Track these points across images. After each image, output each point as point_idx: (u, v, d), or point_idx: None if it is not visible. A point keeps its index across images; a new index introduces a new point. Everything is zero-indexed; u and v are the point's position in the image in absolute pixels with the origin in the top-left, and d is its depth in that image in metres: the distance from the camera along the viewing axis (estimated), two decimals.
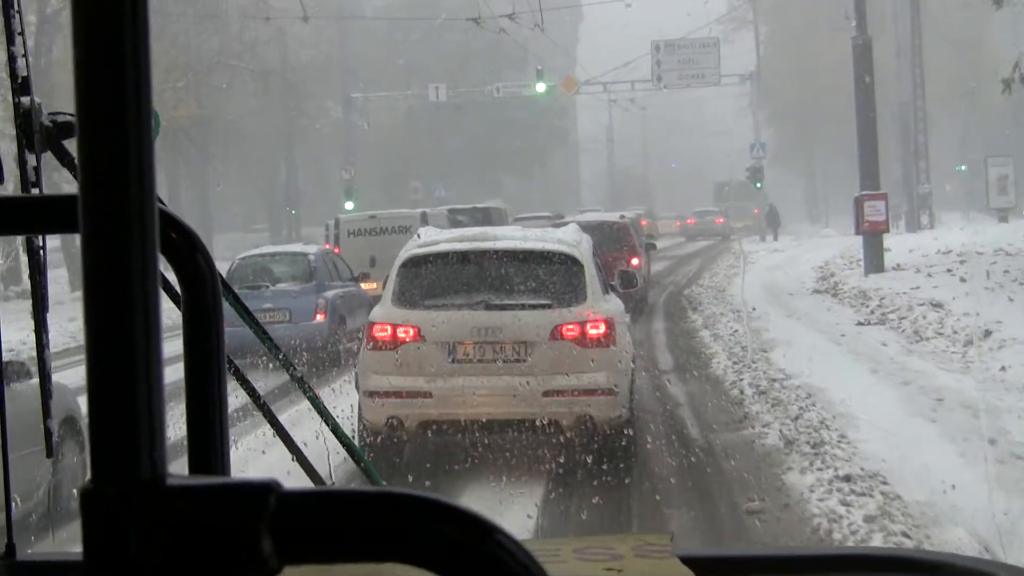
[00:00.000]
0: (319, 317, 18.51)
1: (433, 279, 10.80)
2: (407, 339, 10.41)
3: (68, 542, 7.27)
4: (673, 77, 52.36)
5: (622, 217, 27.26)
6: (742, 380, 14.37)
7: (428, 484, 9.91)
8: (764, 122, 71.84)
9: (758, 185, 53.36)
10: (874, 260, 27.32)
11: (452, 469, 10.39)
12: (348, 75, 63.19)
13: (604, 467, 9.97)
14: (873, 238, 27.48)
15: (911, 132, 49.54)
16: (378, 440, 10.43)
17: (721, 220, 68.52)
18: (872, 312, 21.23)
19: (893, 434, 10.59)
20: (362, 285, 21.67)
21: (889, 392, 13.03)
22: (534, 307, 10.44)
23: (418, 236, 11.55)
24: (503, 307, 10.43)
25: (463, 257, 10.82)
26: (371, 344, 10.55)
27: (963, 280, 23.57)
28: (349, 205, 53.97)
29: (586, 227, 21.86)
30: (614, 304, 11.29)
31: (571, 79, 54.37)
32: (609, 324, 10.46)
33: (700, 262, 44.35)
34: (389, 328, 10.48)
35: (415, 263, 10.85)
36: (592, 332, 10.33)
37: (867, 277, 26.40)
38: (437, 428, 10.37)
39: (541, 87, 51.97)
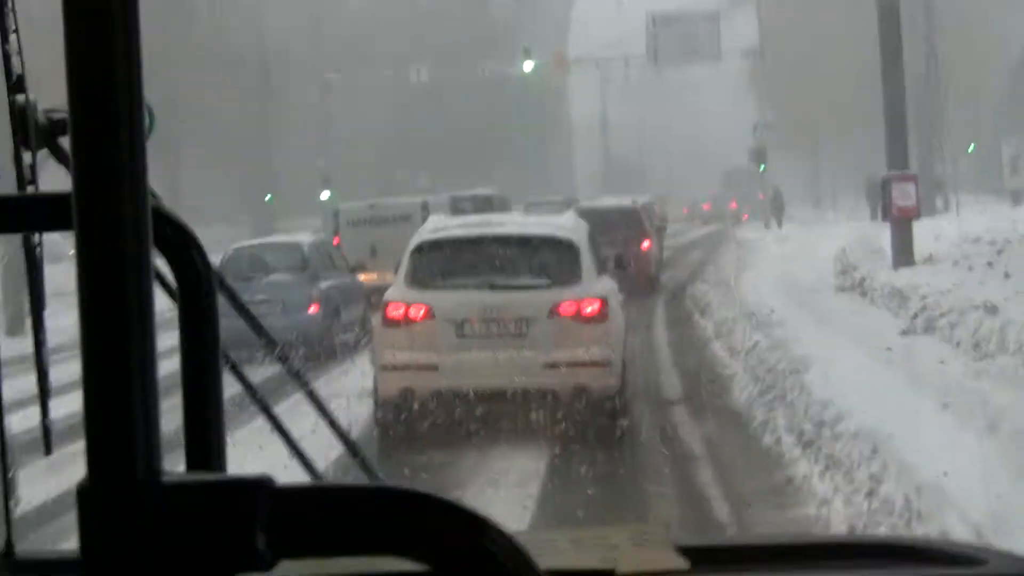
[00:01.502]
0: (312, 308, 18.23)
1: (442, 262, 11.64)
2: (418, 317, 11.25)
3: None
4: (670, 53, 48.95)
5: (634, 202, 28.39)
6: (776, 419, 11.07)
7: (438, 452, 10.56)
8: (764, 103, 68.39)
9: (762, 167, 49.79)
10: (903, 251, 23.99)
11: (465, 433, 10.87)
12: (327, 61, 59.84)
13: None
14: (902, 226, 24.16)
15: (927, 109, 45.88)
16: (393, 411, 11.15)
17: (735, 205, 69.83)
18: (915, 317, 17.92)
19: (1009, 516, 7.29)
20: (360, 276, 21.32)
21: (978, 441, 9.71)
22: (534, 287, 11.31)
23: (428, 223, 12.56)
24: (506, 287, 11.27)
25: (470, 242, 11.66)
26: (385, 322, 11.40)
27: (1007, 276, 20.41)
28: (325, 195, 50.88)
29: (601, 211, 25.33)
30: (608, 284, 12.17)
31: (561, 56, 50.95)
32: (603, 302, 11.30)
33: (701, 253, 40.93)
34: (402, 307, 11.30)
35: (426, 248, 11.70)
36: (587, 310, 11.16)
37: (897, 271, 23.06)
38: (446, 398, 11.01)
39: (528, 66, 48.57)
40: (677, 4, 52.58)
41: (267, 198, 61.76)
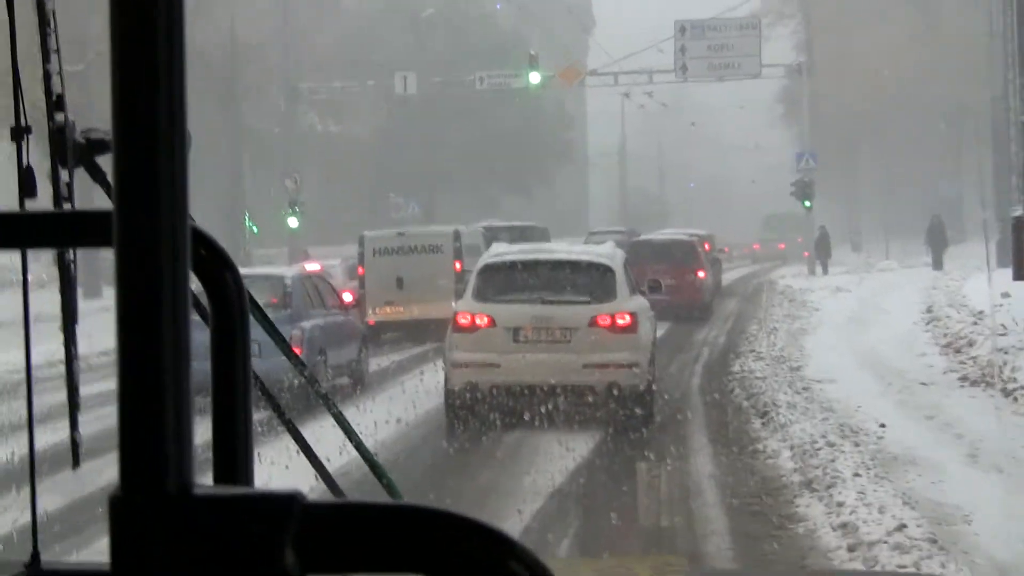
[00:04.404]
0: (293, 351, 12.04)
1: (503, 280, 14.46)
2: (483, 324, 14.01)
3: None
4: (701, 67, 41.61)
5: (691, 236, 31.88)
6: None
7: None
8: (800, 136, 61.01)
9: (807, 204, 42.12)
10: None
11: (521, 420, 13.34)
12: (318, 74, 52.74)
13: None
14: None
15: (1005, 137, 38.25)
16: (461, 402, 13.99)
17: (783, 246, 69.90)
18: None
19: None
20: (377, 310, 21.06)
21: None
22: (577, 302, 14.08)
23: (492, 248, 15.84)
24: (554, 302, 14.04)
25: (525, 265, 14.52)
26: (456, 328, 14.11)
27: None
28: (294, 222, 43.76)
29: (659, 243, 30.63)
30: (639, 302, 14.86)
31: (573, 69, 43.60)
32: (633, 317, 14.07)
33: (736, 303, 33.43)
34: (470, 316, 14.08)
35: (491, 268, 14.67)
36: (620, 322, 13.92)
37: None
38: (504, 390, 13.79)
39: (535, 77, 41.25)
40: (712, 14, 45.31)
41: (249, 224, 54.40)
